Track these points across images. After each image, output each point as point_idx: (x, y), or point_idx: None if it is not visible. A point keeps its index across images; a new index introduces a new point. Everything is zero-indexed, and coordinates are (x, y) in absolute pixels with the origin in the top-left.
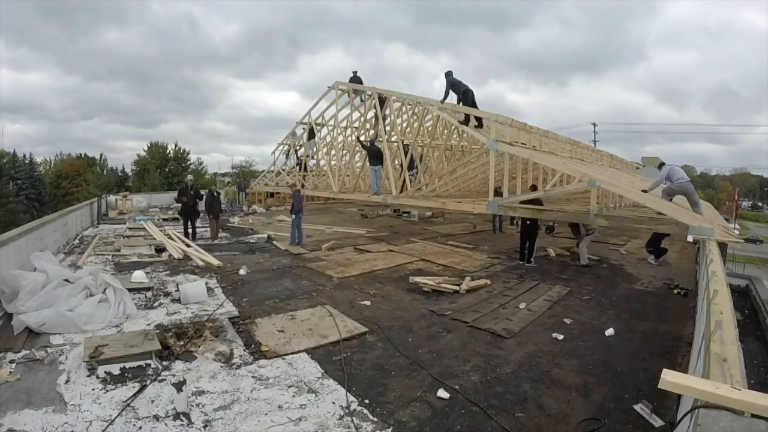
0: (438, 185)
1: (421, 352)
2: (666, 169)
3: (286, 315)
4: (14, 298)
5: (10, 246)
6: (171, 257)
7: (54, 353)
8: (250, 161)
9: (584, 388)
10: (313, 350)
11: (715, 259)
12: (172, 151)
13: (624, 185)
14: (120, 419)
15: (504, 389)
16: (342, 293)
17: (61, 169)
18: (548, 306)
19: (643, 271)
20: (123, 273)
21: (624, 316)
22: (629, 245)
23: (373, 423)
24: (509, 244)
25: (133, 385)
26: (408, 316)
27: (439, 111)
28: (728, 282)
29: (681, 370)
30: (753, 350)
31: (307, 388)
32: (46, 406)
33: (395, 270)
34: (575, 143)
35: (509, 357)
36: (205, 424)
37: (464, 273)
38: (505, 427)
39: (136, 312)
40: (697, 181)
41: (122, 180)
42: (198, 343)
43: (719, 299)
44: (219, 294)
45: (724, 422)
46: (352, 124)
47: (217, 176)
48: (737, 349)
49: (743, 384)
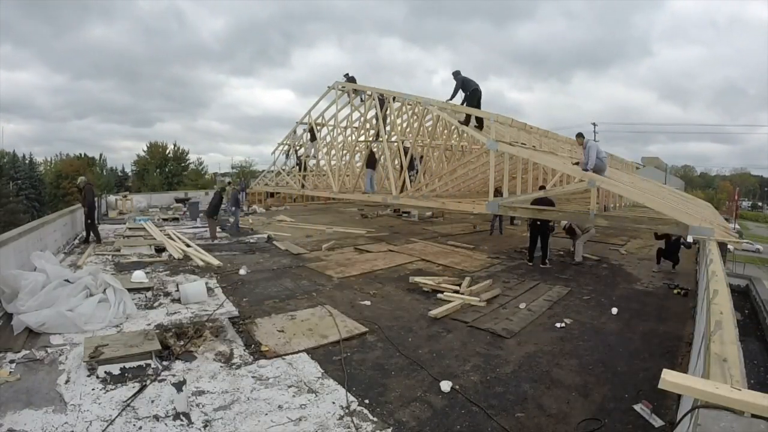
0: (438, 185)
1: (421, 352)
2: (593, 144)
3: (286, 315)
4: (14, 298)
5: (10, 246)
6: (171, 257)
7: (54, 353)
8: (250, 161)
9: (584, 388)
10: (313, 350)
11: (715, 259)
12: (172, 151)
13: (624, 185)
14: (120, 419)
15: (504, 389)
16: (342, 293)
17: (61, 169)
18: (548, 306)
19: (643, 271)
20: (123, 273)
21: (624, 316)
22: (629, 245)
23: (373, 423)
24: (509, 244)
25: (133, 385)
26: (408, 316)
27: (439, 111)
28: (728, 282)
29: (681, 370)
30: (753, 350)
31: (307, 388)
32: (46, 406)
33: (395, 270)
34: (575, 143)
35: (509, 357)
36: (205, 424)
37: (464, 273)
38: (505, 427)
39: (136, 312)
40: (697, 181)
41: (122, 180)
42: (198, 343)
43: (719, 299)
44: (219, 294)
45: (724, 422)
46: (352, 124)
47: (217, 176)
48: (737, 349)
49: (743, 384)
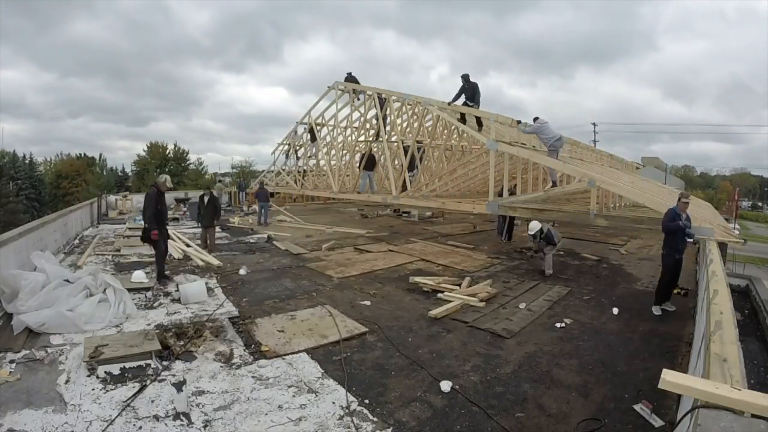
0: (438, 185)
1: (421, 352)
2: (541, 124)
3: (286, 315)
4: (14, 298)
5: (10, 246)
6: (171, 257)
7: (54, 353)
8: (250, 161)
9: (584, 388)
10: (313, 350)
11: (715, 259)
12: (172, 152)
13: (624, 185)
14: (120, 419)
15: (504, 389)
16: (342, 293)
17: (61, 169)
18: (548, 306)
19: (643, 271)
20: (123, 273)
21: (624, 316)
22: (629, 245)
23: (373, 423)
24: (509, 244)
25: (133, 385)
26: (408, 316)
27: (439, 111)
28: (728, 282)
29: (681, 370)
30: (753, 350)
31: (307, 388)
32: (46, 406)
33: (395, 270)
34: (575, 143)
35: (509, 357)
36: (205, 424)
37: (464, 273)
38: (505, 427)
39: (136, 312)
40: (697, 181)
41: (122, 180)
42: (198, 343)
43: (719, 299)
44: (219, 294)
45: (724, 422)
46: (352, 124)
47: (217, 176)
48: (737, 349)
49: (743, 384)
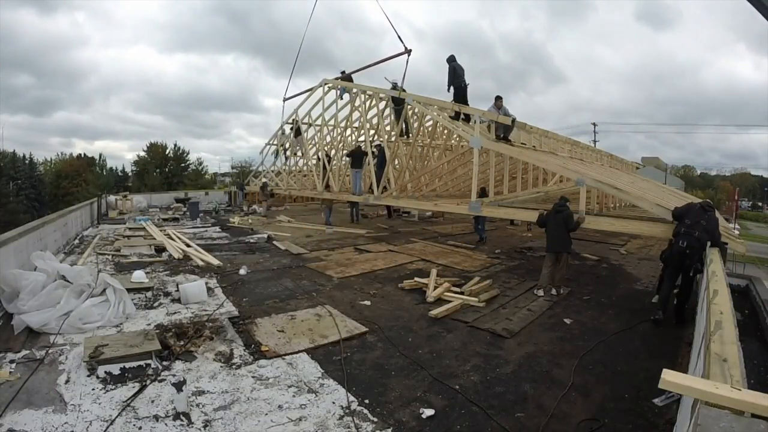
0: (424, 184)
1: (421, 352)
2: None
3: (286, 315)
4: (14, 297)
5: (10, 246)
6: (171, 257)
7: (54, 353)
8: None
9: (584, 388)
10: (313, 350)
11: (715, 259)
12: (172, 151)
13: (624, 185)
14: (120, 419)
15: (504, 389)
16: (342, 293)
17: (61, 169)
18: (548, 306)
19: (643, 271)
20: (123, 273)
21: (624, 316)
22: (629, 245)
23: (373, 423)
24: (509, 244)
25: (133, 385)
26: (408, 316)
27: (438, 112)
28: (728, 282)
29: (681, 370)
30: (753, 350)
31: (307, 388)
32: (46, 406)
33: (395, 270)
34: (575, 143)
35: (509, 357)
36: (205, 424)
37: (464, 273)
38: (505, 427)
39: (136, 312)
40: (697, 181)
41: (122, 180)
42: (198, 343)
43: (719, 299)
44: (219, 294)
45: (724, 422)
46: (352, 124)
47: (217, 176)
48: (737, 349)
49: (743, 384)
